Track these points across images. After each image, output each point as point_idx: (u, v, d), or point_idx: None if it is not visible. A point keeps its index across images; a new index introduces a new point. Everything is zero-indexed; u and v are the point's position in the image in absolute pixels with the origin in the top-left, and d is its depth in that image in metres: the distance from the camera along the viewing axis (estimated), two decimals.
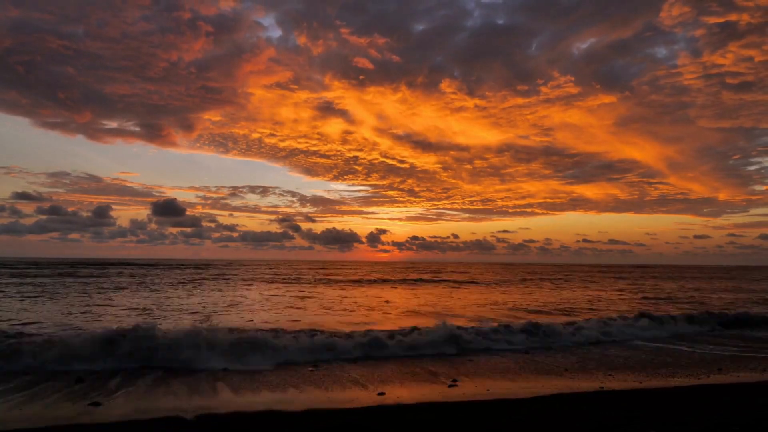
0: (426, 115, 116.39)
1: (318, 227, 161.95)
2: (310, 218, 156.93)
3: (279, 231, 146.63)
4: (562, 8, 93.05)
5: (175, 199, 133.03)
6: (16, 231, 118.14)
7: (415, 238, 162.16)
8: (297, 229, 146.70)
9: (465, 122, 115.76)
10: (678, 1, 77.59)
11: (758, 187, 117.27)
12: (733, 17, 73.77)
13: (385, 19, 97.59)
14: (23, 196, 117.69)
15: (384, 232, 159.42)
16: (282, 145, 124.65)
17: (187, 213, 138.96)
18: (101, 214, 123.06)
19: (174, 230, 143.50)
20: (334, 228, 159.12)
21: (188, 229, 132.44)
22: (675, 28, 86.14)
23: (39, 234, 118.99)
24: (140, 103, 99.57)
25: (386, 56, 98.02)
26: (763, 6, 71.60)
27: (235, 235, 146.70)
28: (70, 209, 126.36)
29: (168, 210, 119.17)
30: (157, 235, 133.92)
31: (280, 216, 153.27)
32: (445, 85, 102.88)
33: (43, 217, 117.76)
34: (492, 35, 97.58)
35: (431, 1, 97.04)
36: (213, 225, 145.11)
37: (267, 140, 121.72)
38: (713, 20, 76.24)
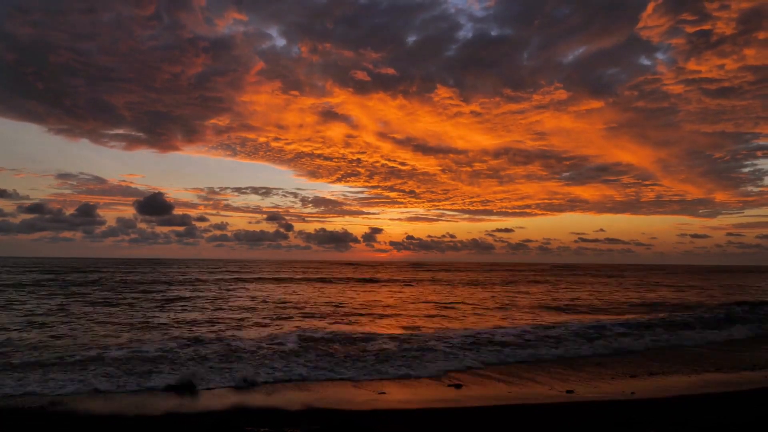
0: (425, 121, 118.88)
1: (317, 227, 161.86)
2: (311, 219, 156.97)
3: (280, 232, 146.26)
4: (550, 20, 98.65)
5: (162, 193, 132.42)
6: (7, 230, 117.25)
7: (411, 237, 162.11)
8: (296, 229, 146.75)
9: (462, 127, 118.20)
10: (656, 12, 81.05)
11: (752, 189, 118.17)
12: (707, 26, 77.34)
13: (378, 32, 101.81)
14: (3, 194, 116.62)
15: (380, 231, 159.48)
16: (288, 148, 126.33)
17: (190, 214, 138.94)
18: (98, 214, 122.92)
19: (175, 229, 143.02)
20: (334, 229, 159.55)
21: (180, 228, 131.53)
22: (654, 37, 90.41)
23: (29, 233, 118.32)
24: (145, 110, 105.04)
25: (380, 69, 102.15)
26: (734, 17, 75.19)
27: (230, 234, 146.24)
28: (72, 210, 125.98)
29: (154, 206, 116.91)
30: (150, 235, 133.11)
31: (281, 216, 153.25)
32: (441, 93, 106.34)
33: (31, 216, 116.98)
34: (484, 46, 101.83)
35: (424, 15, 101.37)
36: (212, 225, 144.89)
37: (273, 144, 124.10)
38: (689, 29, 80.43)
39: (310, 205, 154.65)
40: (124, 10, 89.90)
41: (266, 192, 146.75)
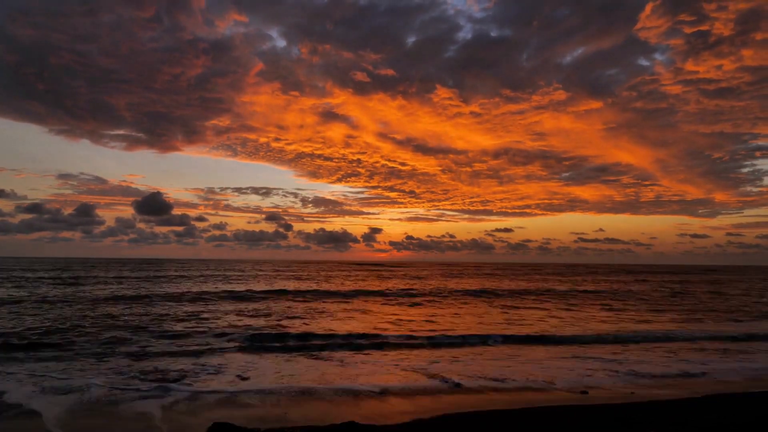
0: (425, 121, 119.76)
1: (317, 227, 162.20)
2: (311, 219, 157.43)
3: (279, 232, 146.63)
4: (549, 21, 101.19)
5: (160, 192, 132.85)
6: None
7: (410, 237, 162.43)
8: (296, 229, 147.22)
9: (462, 128, 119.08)
10: (654, 13, 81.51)
11: (751, 189, 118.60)
12: (705, 27, 77.86)
13: (377, 34, 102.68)
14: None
15: (380, 231, 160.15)
16: (288, 148, 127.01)
17: (189, 214, 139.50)
18: (97, 214, 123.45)
19: (174, 229, 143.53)
20: (333, 229, 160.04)
21: (179, 228, 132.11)
22: (652, 38, 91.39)
23: (28, 233, 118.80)
24: (145, 111, 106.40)
25: (380, 70, 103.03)
26: (732, 18, 75.69)
27: (229, 234, 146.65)
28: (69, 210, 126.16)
29: (153, 206, 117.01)
30: (149, 235, 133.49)
31: (281, 216, 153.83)
32: (440, 94, 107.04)
33: (29, 216, 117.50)
34: (483, 47, 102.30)
35: (423, 16, 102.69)
36: (211, 225, 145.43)
37: (274, 144, 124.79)
38: (687, 30, 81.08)
39: (310, 205, 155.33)
40: (125, 12, 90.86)
41: (266, 192, 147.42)
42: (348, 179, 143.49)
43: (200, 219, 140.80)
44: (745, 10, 78.01)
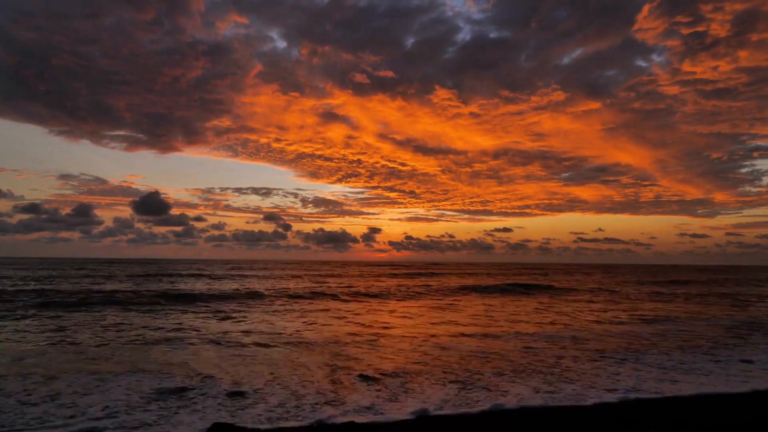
0: (425, 122, 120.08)
1: (317, 227, 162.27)
2: (311, 219, 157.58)
3: (279, 232, 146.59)
4: (547, 22, 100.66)
5: (158, 192, 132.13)
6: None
7: (410, 237, 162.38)
8: (295, 229, 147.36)
9: (461, 128, 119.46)
10: (651, 15, 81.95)
11: (751, 189, 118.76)
12: (702, 28, 78.39)
13: (376, 35, 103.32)
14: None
15: (379, 231, 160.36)
16: (289, 149, 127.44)
17: (188, 214, 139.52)
18: (96, 214, 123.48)
19: (173, 230, 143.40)
20: (333, 229, 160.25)
21: (178, 228, 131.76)
22: (649, 39, 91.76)
23: (27, 233, 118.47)
24: (146, 112, 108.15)
25: (379, 72, 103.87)
26: (728, 19, 76.17)
27: (228, 234, 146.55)
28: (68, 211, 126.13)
29: (151, 206, 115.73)
30: (148, 235, 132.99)
31: (281, 217, 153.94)
32: (439, 95, 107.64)
33: (28, 216, 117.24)
34: (482, 48, 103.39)
35: (422, 18, 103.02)
36: (210, 225, 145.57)
37: (274, 145, 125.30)
38: (684, 31, 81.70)
39: (310, 205, 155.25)
40: (126, 15, 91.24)
41: (267, 192, 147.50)
42: (348, 179, 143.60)
43: (199, 219, 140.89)
44: (741, 11, 78.22)
